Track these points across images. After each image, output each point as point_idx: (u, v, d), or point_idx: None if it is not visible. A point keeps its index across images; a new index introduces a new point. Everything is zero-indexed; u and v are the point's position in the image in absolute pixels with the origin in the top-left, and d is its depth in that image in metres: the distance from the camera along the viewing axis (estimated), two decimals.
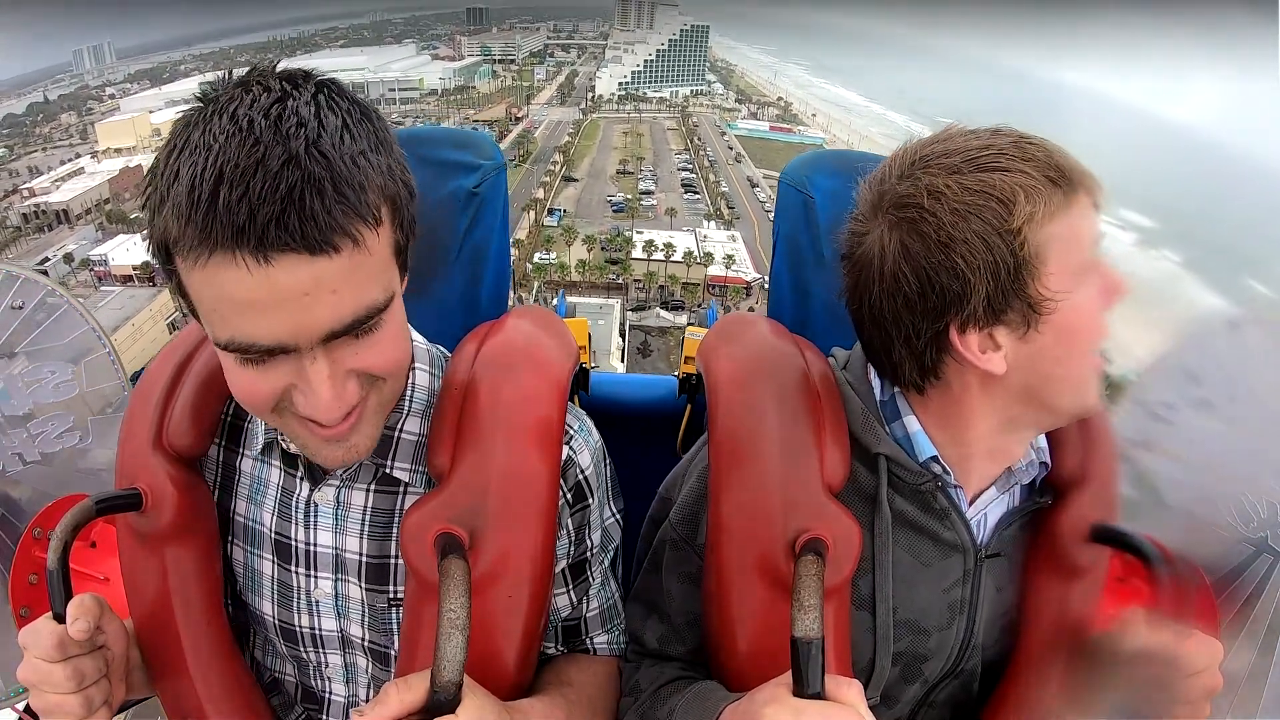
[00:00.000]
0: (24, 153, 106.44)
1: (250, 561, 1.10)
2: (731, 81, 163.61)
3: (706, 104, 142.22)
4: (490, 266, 1.37)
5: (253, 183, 0.70)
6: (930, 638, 1.07)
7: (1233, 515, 1.15)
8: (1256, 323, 1.23)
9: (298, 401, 0.84)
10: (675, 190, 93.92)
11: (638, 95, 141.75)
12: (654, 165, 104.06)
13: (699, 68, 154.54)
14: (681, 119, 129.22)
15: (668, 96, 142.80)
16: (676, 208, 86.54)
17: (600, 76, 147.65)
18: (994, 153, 0.88)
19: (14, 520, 1.37)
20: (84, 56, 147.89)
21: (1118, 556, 1.10)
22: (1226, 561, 1.15)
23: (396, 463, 1.03)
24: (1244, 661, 1.11)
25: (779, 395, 1.05)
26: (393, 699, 0.84)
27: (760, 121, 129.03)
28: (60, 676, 0.91)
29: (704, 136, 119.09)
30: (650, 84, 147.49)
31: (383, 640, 1.08)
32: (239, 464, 1.10)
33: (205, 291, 0.76)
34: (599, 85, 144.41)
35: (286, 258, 0.72)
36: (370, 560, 1.05)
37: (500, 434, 0.99)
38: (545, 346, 1.12)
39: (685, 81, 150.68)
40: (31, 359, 1.41)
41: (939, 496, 1.03)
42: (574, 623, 1.16)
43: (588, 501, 1.08)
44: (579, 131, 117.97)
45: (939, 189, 0.88)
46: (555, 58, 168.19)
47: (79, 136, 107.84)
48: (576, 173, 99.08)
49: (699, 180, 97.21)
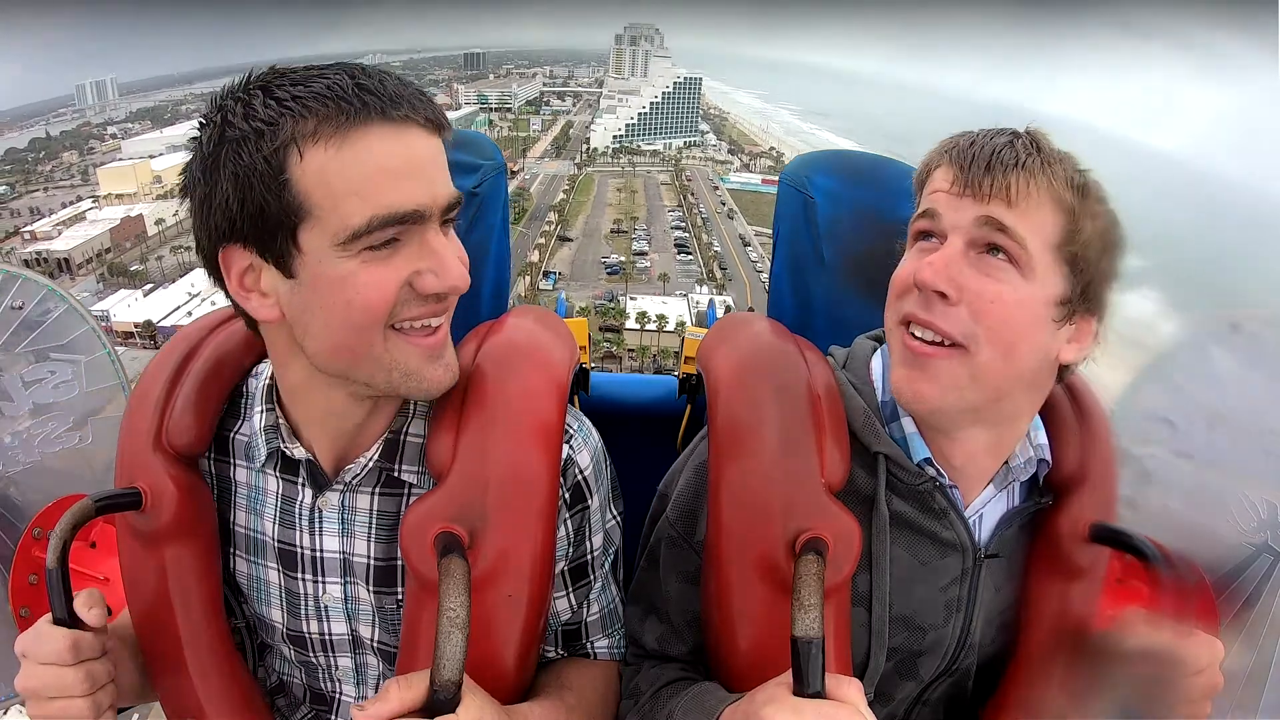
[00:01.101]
0: (25, 191, 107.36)
1: (255, 571, 1.10)
2: (724, 131, 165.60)
3: (700, 156, 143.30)
4: (490, 267, 1.37)
5: (379, 81, 0.85)
6: (926, 635, 1.07)
7: (1233, 515, 1.16)
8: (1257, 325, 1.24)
9: (425, 283, 0.88)
10: (669, 250, 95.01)
11: (632, 148, 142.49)
12: (647, 224, 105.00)
13: (692, 119, 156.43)
14: (675, 174, 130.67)
15: (661, 149, 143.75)
16: (670, 271, 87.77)
17: (595, 129, 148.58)
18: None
19: (14, 520, 1.38)
20: (87, 91, 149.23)
21: (1117, 557, 1.10)
22: (1226, 561, 1.15)
23: (404, 465, 1.04)
24: (1244, 661, 1.10)
25: (779, 394, 1.05)
26: (393, 696, 0.84)
27: (753, 174, 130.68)
28: (73, 680, 0.90)
29: (697, 192, 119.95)
30: (644, 136, 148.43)
31: (393, 641, 1.08)
32: (232, 474, 1.09)
33: (349, 171, 0.83)
34: (594, 138, 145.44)
35: (413, 130, 0.86)
36: (378, 563, 1.05)
37: (501, 432, 0.98)
38: (546, 345, 1.12)
39: (679, 133, 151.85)
40: (31, 359, 1.42)
41: (937, 496, 1.03)
42: (574, 627, 1.15)
43: (587, 503, 1.08)
44: (574, 187, 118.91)
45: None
46: (551, 106, 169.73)
47: (80, 178, 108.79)
48: (571, 232, 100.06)
49: (692, 240, 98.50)
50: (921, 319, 0.95)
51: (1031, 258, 0.92)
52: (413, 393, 0.96)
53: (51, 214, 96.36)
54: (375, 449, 1.03)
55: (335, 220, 0.84)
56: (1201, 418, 1.22)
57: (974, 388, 0.95)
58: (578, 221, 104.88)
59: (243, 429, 1.09)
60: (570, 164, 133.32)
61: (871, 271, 1.25)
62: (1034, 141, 0.95)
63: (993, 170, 0.92)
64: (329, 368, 0.93)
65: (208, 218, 0.87)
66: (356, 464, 1.02)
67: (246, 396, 1.10)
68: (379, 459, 1.02)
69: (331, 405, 0.99)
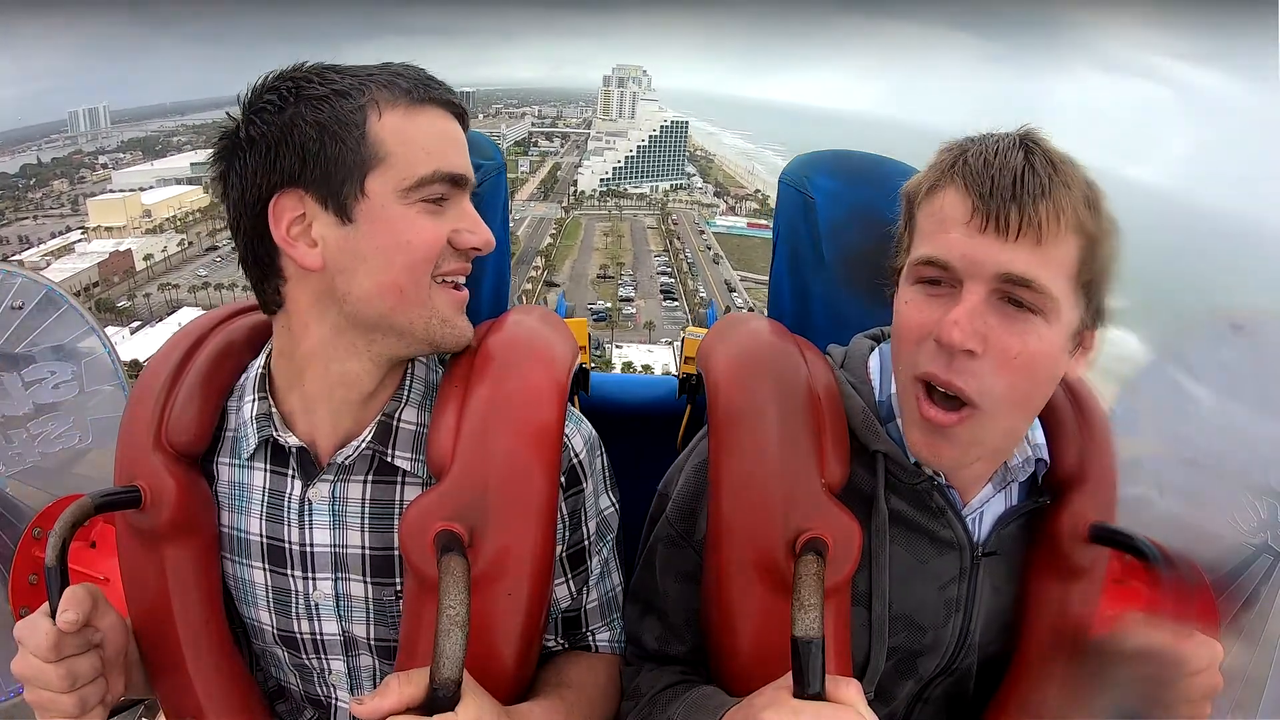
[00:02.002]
0: (15, 218, 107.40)
1: (239, 572, 1.09)
2: (710, 173, 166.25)
3: (686, 199, 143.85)
4: (490, 266, 1.37)
5: (434, 77, 1.00)
6: (926, 634, 1.07)
7: (1233, 515, 1.15)
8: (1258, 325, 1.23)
9: (464, 240, 1.01)
10: (655, 297, 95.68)
11: (619, 191, 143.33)
12: (634, 269, 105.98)
13: (678, 162, 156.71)
14: (661, 217, 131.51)
15: (648, 192, 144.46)
16: (655, 318, 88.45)
17: (583, 171, 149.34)
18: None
19: (14, 520, 1.38)
20: (80, 119, 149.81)
21: (1117, 557, 1.09)
22: (1226, 561, 1.14)
23: (397, 451, 1.04)
24: (1244, 662, 1.10)
25: (778, 394, 1.05)
26: (393, 691, 0.84)
27: (738, 217, 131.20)
28: (53, 676, 0.91)
29: (683, 236, 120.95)
30: (631, 180, 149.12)
31: (391, 636, 1.07)
32: (214, 470, 1.09)
33: (420, 132, 0.98)
34: (581, 181, 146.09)
35: (455, 119, 1.03)
36: (374, 553, 1.05)
37: (501, 430, 0.98)
38: (547, 344, 1.12)
39: (665, 176, 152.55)
40: (32, 359, 1.42)
41: (935, 495, 1.03)
42: (574, 614, 1.15)
43: (581, 486, 1.09)
44: (561, 231, 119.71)
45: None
46: (539, 147, 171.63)
47: (70, 207, 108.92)
48: (558, 277, 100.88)
49: (678, 286, 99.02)
50: (943, 380, 0.90)
51: (1057, 302, 0.88)
52: (445, 341, 1.03)
53: (41, 243, 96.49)
54: (369, 432, 1.03)
55: (405, 168, 0.96)
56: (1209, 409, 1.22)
57: (992, 440, 0.96)
58: (564, 266, 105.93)
59: (229, 424, 1.09)
60: (558, 206, 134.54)
61: (871, 271, 1.24)
62: (1048, 156, 0.89)
63: (1019, 200, 0.86)
64: (371, 310, 0.98)
65: (274, 162, 0.94)
66: (350, 446, 1.02)
67: (234, 391, 1.10)
68: (372, 441, 1.02)
69: (345, 373, 1.01)
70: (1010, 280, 0.87)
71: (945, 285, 0.92)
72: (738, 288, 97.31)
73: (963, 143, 0.94)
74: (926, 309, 0.92)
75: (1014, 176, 0.87)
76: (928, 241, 0.93)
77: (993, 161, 0.88)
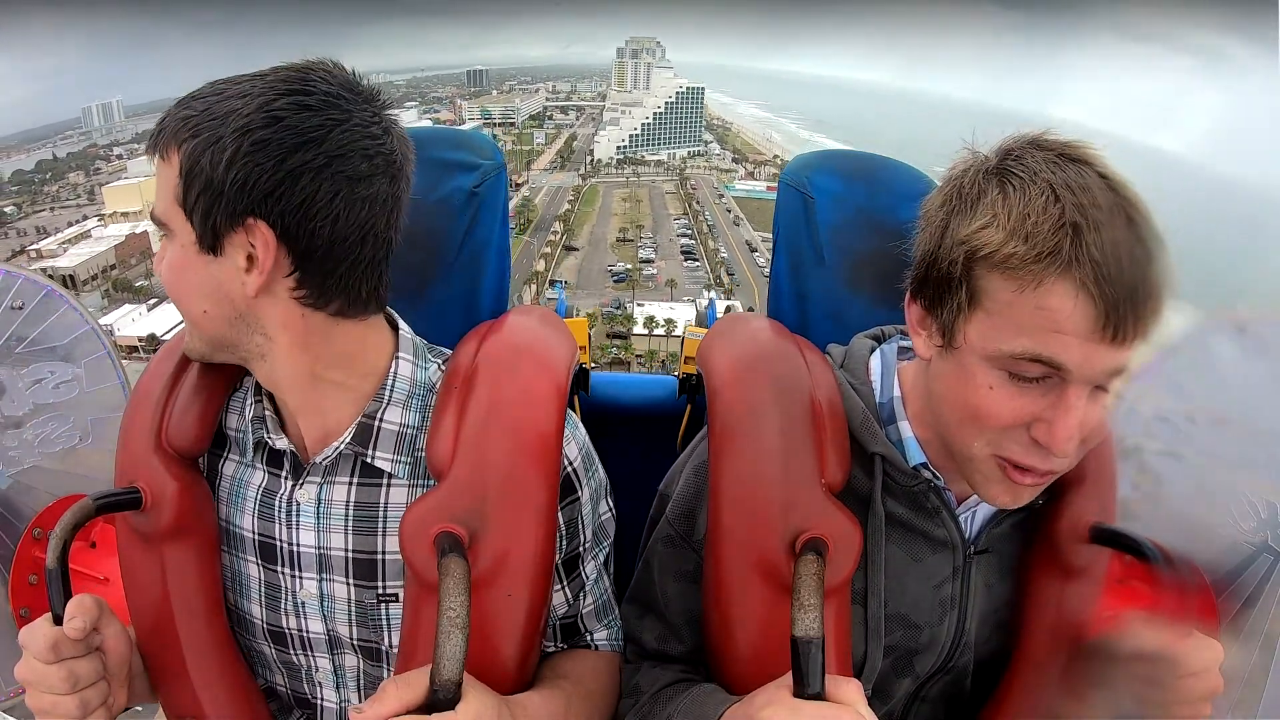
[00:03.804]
0: (32, 211, 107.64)
1: (236, 565, 1.10)
2: (728, 140, 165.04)
3: (704, 165, 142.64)
4: (490, 266, 1.36)
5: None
6: (922, 632, 1.07)
7: (1233, 515, 1.15)
8: (1260, 326, 1.23)
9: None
10: (675, 258, 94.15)
11: (636, 159, 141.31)
12: (653, 232, 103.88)
13: (695, 129, 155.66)
14: (680, 182, 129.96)
15: (665, 159, 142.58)
16: (677, 277, 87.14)
17: (599, 140, 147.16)
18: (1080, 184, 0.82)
19: (14, 520, 1.37)
20: (93, 114, 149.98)
21: (1117, 557, 1.09)
22: (1226, 561, 1.14)
23: (378, 453, 1.03)
24: (1244, 662, 1.10)
25: (779, 394, 1.05)
26: (391, 696, 0.84)
27: (757, 181, 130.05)
28: (55, 678, 0.91)
29: (702, 200, 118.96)
30: (648, 147, 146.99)
31: (372, 636, 1.07)
32: (221, 467, 1.10)
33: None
34: (598, 149, 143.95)
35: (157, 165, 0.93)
36: (357, 556, 1.04)
37: (500, 432, 0.98)
38: (546, 345, 1.12)
39: (682, 143, 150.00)
40: (32, 359, 1.41)
41: (930, 497, 1.03)
42: (571, 620, 1.15)
43: (577, 494, 1.08)
44: (579, 198, 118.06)
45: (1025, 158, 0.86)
46: (554, 120, 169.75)
47: (86, 197, 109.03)
48: (577, 241, 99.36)
49: (698, 247, 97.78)
50: (1041, 470, 0.89)
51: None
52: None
53: (58, 232, 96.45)
54: (348, 433, 1.02)
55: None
56: (1204, 417, 1.21)
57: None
58: (583, 231, 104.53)
59: (239, 421, 1.10)
60: (575, 175, 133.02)
61: (871, 271, 1.29)
62: (1152, 229, 0.82)
63: (1151, 302, 0.81)
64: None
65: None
66: (330, 448, 1.03)
67: (241, 391, 1.11)
68: (351, 442, 1.02)
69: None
70: (1114, 374, 0.84)
71: (1042, 381, 0.85)
72: (759, 247, 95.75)
73: (1066, 213, 0.80)
74: (1020, 400, 0.86)
75: (1141, 275, 0.80)
76: (1032, 337, 0.82)
77: (1114, 252, 0.79)
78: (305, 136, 0.87)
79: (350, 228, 0.91)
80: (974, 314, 0.86)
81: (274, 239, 0.89)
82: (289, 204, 0.88)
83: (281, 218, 0.88)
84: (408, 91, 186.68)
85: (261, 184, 0.87)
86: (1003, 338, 0.84)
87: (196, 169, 0.88)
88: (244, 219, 0.88)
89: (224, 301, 0.94)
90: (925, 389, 1.00)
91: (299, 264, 0.91)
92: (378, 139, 0.92)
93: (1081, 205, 0.80)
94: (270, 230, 0.89)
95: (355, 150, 0.90)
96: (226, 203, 0.88)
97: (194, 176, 0.88)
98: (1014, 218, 0.82)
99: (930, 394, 0.98)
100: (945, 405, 0.94)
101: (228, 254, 0.91)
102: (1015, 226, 0.81)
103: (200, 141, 0.87)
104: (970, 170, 0.89)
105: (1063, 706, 1.04)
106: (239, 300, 0.93)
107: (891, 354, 1.10)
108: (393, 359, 1.05)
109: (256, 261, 0.90)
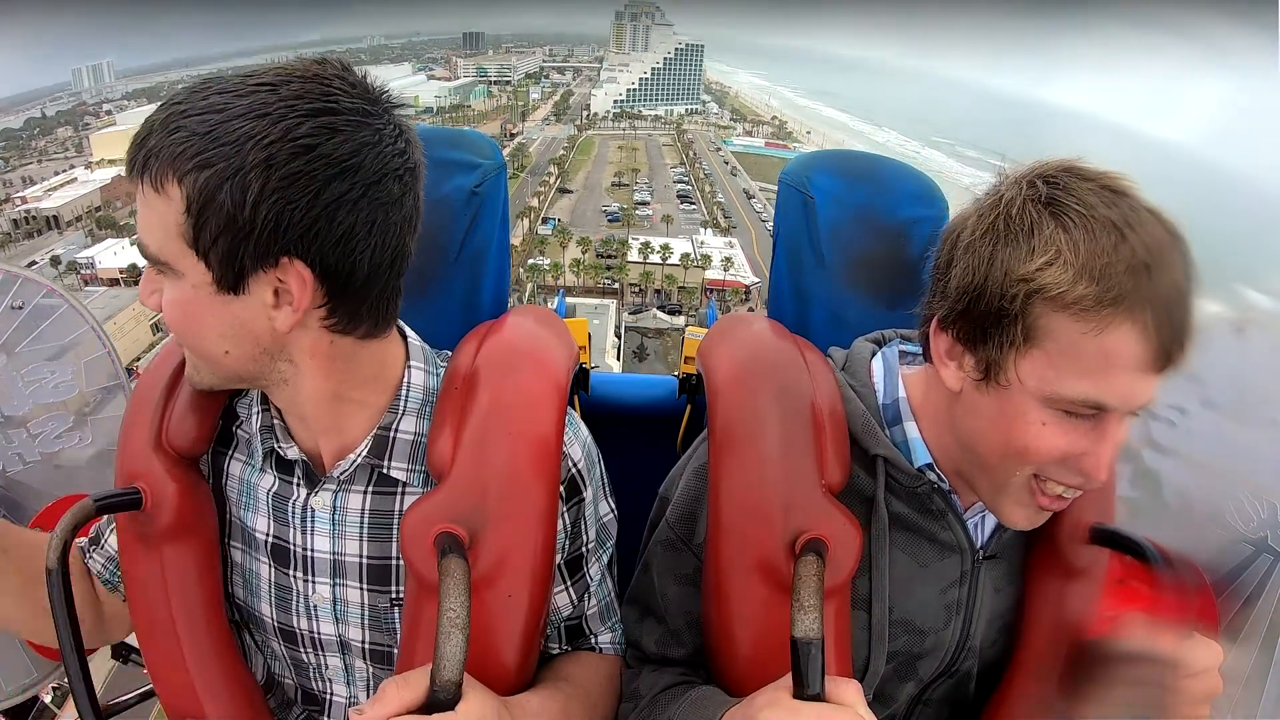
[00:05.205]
0: (19, 164, 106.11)
1: (248, 562, 1.10)
2: (726, 102, 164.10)
3: (701, 122, 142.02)
4: (490, 266, 1.36)
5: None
6: (926, 637, 1.07)
7: (1233, 515, 1.15)
8: (1259, 327, 1.22)
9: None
10: (671, 201, 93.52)
11: (633, 113, 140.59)
12: (649, 178, 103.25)
13: (694, 88, 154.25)
14: (677, 134, 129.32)
15: (663, 114, 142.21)
16: (673, 216, 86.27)
17: (595, 95, 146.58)
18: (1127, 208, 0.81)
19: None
20: (83, 75, 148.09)
21: (1117, 558, 1.09)
22: (1226, 561, 1.14)
23: (394, 463, 1.02)
24: (1244, 662, 1.09)
25: (779, 395, 1.05)
26: (391, 697, 0.83)
27: (755, 139, 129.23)
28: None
29: (699, 152, 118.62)
30: (645, 102, 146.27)
31: (384, 640, 1.08)
32: (227, 466, 1.09)
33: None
34: (594, 103, 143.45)
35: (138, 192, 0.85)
36: (371, 561, 1.04)
37: (501, 434, 0.98)
38: (546, 346, 1.12)
39: (680, 100, 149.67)
40: (31, 359, 1.40)
41: (935, 499, 1.03)
42: (576, 621, 1.15)
43: (582, 495, 1.08)
44: (574, 146, 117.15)
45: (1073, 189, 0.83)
46: (551, 79, 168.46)
47: (74, 150, 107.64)
48: (571, 185, 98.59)
49: (695, 192, 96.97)
50: (1064, 491, 0.91)
51: None
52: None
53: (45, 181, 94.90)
54: (365, 445, 1.02)
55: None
56: (1203, 417, 1.21)
57: None
58: (578, 177, 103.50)
59: (246, 425, 1.08)
60: (571, 126, 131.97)
61: (871, 271, 1.29)
62: (1192, 256, 0.82)
63: (1193, 334, 0.82)
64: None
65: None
66: (346, 460, 1.02)
67: (247, 393, 1.09)
68: (368, 454, 1.01)
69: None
70: (1149, 402, 0.85)
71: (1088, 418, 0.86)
72: (756, 195, 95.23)
73: (1138, 254, 0.79)
74: (1071, 436, 0.86)
75: (1186, 307, 0.81)
76: (1093, 381, 0.82)
77: (1167, 289, 0.80)
78: (340, 166, 0.80)
79: (385, 253, 0.87)
80: (1029, 351, 0.84)
81: (311, 277, 0.83)
82: (327, 240, 0.82)
83: (321, 255, 0.82)
84: (403, 52, 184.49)
85: (296, 222, 0.80)
86: (1063, 381, 0.83)
87: (213, 205, 0.79)
88: (277, 259, 0.82)
89: (248, 340, 0.88)
90: (945, 410, 0.99)
91: (334, 295, 0.87)
92: (403, 154, 0.87)
93: (1147, 245, 0.79)
94: (308, 269, 0.83)
95: (388, 174, 0.84)
96: (256, 243, 0.80)
97: (209, 213, 0.79)
98: (1083, 256, 0.79)
99: (958, 425, 0.97)
100: (983, 440, 0.93)
101: (253, 292, 0.84)
102: (1085, 265, 0.79)
103: (213, 174, 0.78)
104: (1015, 200, 0.85)
105: (1063, 707, 1.04)
106: (265, 336, 0.88)
107: (893, 357, 1.10)
108: (405, 368, 1.04)
109: (287, 296, 0.85)
